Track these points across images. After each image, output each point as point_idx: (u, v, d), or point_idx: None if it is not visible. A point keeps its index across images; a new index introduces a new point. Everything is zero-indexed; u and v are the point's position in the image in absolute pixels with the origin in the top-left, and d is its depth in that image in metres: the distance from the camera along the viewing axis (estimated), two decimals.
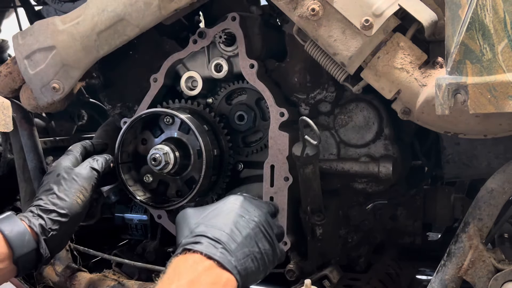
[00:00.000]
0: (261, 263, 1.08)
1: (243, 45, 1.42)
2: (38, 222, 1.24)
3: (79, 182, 1.33)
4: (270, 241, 1.12)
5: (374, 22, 1.17)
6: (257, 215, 1.12)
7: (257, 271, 1.08)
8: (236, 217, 1.09)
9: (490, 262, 1.19)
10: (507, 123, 1.12)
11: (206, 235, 1.03)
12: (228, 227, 1.06)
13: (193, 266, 0.97)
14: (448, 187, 1.77)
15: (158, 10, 1.36)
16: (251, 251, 1.06)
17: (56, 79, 1.48)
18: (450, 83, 1.03)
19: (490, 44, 0.99)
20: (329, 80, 1.46)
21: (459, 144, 1.50)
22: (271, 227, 1.14)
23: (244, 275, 1.03)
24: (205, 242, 1.01)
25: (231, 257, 1.01)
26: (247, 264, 1.04)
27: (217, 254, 0.99)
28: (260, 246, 1.09)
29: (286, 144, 1.39)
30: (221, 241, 1.02)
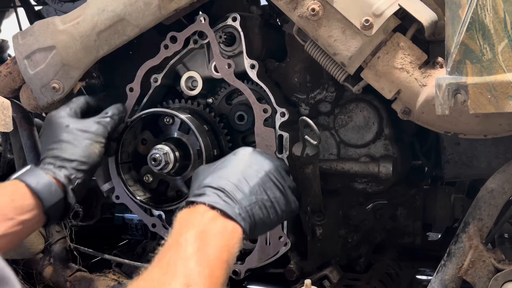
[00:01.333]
0: (271, 211, 1.09)
1: (216, 46, 1.41)
2: (62, 173, 1.25)
3: (91, 131, 1.33)
4: (282, 189, 1.13)
5: (374, 22, 1.17)
6: (267, 164, 1.13)
7: (267, 219, 1.08)
8: (245, 167, 1.10)
9: (490, 262, 1.19)
10: (507, 123, 1.12)
11: (211, 186, 1.04)
12: (235, 177, 1.07)
13: (198, 218, 0.97)
14: (448, 187, 1.77)
15: (158, 10, 1.36)
16: (259, 199, 1.07)
17: (56, 79, 1.48)
18: (450, 83, 1.03)
19: (490, 44, 0.99)
20: (329, 80, 1.46)
21: (459, 144, 1.50)
22: (282, 177, 1.14)
23: (251, 223, 1.04)
24: (209, 193, 1.02)
25: (235, 205, 1.02)
26: (254, 211, 1.05)
27: (220, 203, 1.00)
28: (270, 194, 1.10)
29: (273, 139, 1.37)
30: (225, 190, 1.03)
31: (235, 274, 1.47)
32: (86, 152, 1.30)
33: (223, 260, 0.94)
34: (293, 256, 1.48)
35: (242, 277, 1.47)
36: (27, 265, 1.82)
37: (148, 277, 0.85)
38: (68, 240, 1.78)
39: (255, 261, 1.44)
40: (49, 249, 1.77)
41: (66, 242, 1.78)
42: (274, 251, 1.42)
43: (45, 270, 1.75)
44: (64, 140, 1.30)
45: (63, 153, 1.28)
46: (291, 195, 1.16)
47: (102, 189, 1.63)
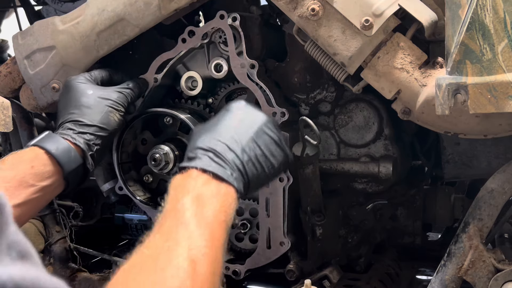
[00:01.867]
0: (266, 165, 1.08)
1: (233, 44, 1.41)
2: (82, 139, 1.25)
3: (112, 99, 1.33)
4: (277, 140, 1.11)
5: (374, 22, 1.17)
6: (260, 117, 1.11)
7: (262, 174, 1.07)
8: (237, 122, 1.08)
9: (490, 262, 1.19)
10: (507, 123, 1.12)
11: (202, 148, 1.03)
12: (227, 135, 1.05)
13: (192, 183, 0.97)
14: (448, 187, 1.77)
15: (158, 10, 1.36)
16: (252, 156, 1.06)
17: (56, 79, 1.48)
18: (450, 83, 1.03)
19: (490, 44, 0.99)
20: (329, 80, 1.46)
21: (459, 144, 1.50)
22: (276, 129, 1.13)
23: (245, 181, 1.04)
24: (200, 155, 1.01)
25: (226, 165, 1.01)
26: (248, 169, 1.04)
27: (212, 166, 0.99)
28: (264, 148, 1.08)
29: None
30: (216, 151, 1.02)
31: (235, 274, 1.47)
32: (106, 118, 1.30)
33: (221, 220, 0.94)
34: (293, 256, 1.48)
35: (242, 277, 1.47)
36: None
37: (150, 244, 0.86)
38: (68, 240, 1.78)
39: (255, 263, 1.44)
40: (49, 249, 1.77)
41: (66, 242, 1.78)
42: (275, 255, 1.42)
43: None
44: (85, 105, 1.29)
45: (82, 118, 1.27)
46: (286, 146, 1.14)
47: (102, 189, 1.62)
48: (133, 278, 0.79)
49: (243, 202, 1.52)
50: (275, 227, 1.41)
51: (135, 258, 0.83)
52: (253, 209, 1.51)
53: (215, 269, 0.87)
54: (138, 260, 0.82)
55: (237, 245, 1.54)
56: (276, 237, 1.41)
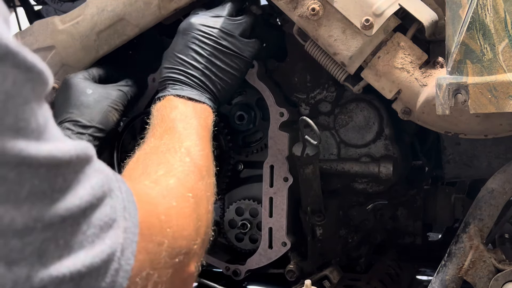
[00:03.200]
0: (229, 76, 1.22)
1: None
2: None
3: (112, 98, 1.32)
4: (233, 49, 1.22)
5: (375, 21, 1.17)
6: (212, 33, 1.20)
7: (227, 83, 1.22)
8: (191, 46, 1.19)
9: (490, 262, 1.19)
10: (507, 123, 1.11)
11: (169, 77, 1.18)
12: (185, 62, 1.18)
13: (171, 104, 1.11)
14: (449, 187, 1.77)
15: (158, 9, 1.35)
16: (214, 71, 1.19)
17: (56, 79, 1.47)
18: (450, 83, 1.02)
19: (490, 44, 0.99)
20: (329, 80, 1.46)
21: (460, 144, 1.50)
22: (230, 33, 1.22)
23: (216, 96, 1.19)
24: (170, 86, 1.16)
25: (196, 89, 1.16)
26: (214, 85, 1.19)
27: (184, 91, 1.15)
28: (221, 64, 1.20)
29: (285, 144, 1.39)
30: (182, 80, 1.16)
31: (235, 275, 1.47)
32: (105, 118, 1.29)
33: (204, 125, 1.09)
34: (293, 257, 1.47)
35: (242, 278, 1.47)
36: None
37: (147, 145, 0.99)
38: None
39: (256, 264, 1.44)
40: None
41: None
42: (277, 255, 1.42)
43: None
44: (84, 104, 1.28)
45: (81, 118, 1.26)
46: (244, 43, 1.25)
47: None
48: (141, 162, 0.91)
49: (243, 202, 1.52)
50: (277, 227, 1.41)
51: (139, 153, 0.95)
52: (253, 209, 1.51)
53: (207, 154, 1.03)
54: (142, 153, 0.95)
55: (237, 245, 1.54)
56: (278, 237, 1.41)
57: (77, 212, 0.53)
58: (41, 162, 0.49)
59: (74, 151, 0.54)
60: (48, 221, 0.50)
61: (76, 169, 0.54)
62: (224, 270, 1.48)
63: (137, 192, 0.70)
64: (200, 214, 0.87)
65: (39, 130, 0.50)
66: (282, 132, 1.39)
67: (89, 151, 0.58)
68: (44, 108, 0.53)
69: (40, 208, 0.49)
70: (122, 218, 0.60)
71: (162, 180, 0.86)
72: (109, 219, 0.58)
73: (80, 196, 0.54)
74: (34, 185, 0.49)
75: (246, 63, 1.27)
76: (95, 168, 0.59)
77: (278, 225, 1.41)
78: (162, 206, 0.77)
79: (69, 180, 0.53)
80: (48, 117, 0.53)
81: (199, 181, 0.94)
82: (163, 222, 0.73)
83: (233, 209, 1.53)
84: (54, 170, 0.51)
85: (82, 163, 0.56)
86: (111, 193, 0.60)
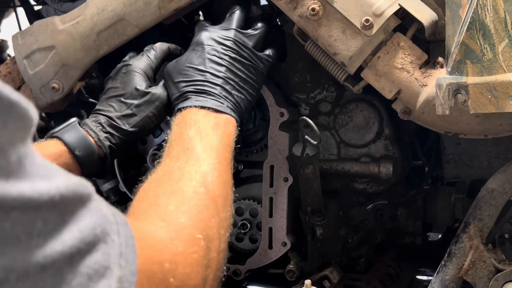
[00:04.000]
0: (248, 87, 1.18)
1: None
2: (108, 142, 1.20)
3: (157, 104, 1.22)
4: (250, 60, 1.19)
5: (375, 22, 1.17)
6: (227, 44, 1.17)
7: (248, 94, 1.18)
8: (209, 58, 1.15)
9: (490, 262, 1.19)
10: (507, 123, 1.11)
11: (190, 92, 1.12)
12: (206, 74, 1.13)
13: (193, 118, 1.05)
14: (449, 187, 1.77)
15: (158, 9, 1.35)
16: (235, 82, 1.15)
17: (56, 79, 1.47)
18: (450, 83, 1.02)
19: (490, 44, 0.99)
20: (329, 80, 1.46)
21: (460, 144, 1.50)
22: (244, 45, 1.19)
23: (238, 108, 1.15)
24: (192, 98, 1.11)
25: (218, 100, 1.10)
26: (236, 97, 1.14)
27: (208, 102, 1.09)
28: (240, 74, 1.17)
29: (286, 144, 1.39)
30: (205, 90, 1.11)
31: (235, 275, 1.47)
32: (143, 124, 1.21)
33: (226, 144, 1.04)
34: (293, 257, 1.47)
35: (242, 277, 1.47)
36: None
37: (162, 166, 0.95)
38: None
39: (256, 264, 1.44)
40: None
41: None
42: (277, 255, 1.42)
43: None
44: (128, 104, 1.21)
45: (120, 120, 1.20)
46: (259, 57, 1.22)
47: (102, 189, 1.62)
48: (152, 190, 0.87)
49: (243, 202, 1.52)
50: (277, 227, 1.41)
51: (151, 177, 0.92)
52: (253, 209, 1.51)
53: (226, 180, 0.97)
54: (154, 178, 0.92)
55: (237, 245, 1.54)
56: (278, 237, 1.41)
57: (60, 259, 0.47)
58: (11, 204, 0.44)
59: (55, 191, 0.48)
60: (23, 271, 0.44)
61: (62, 211, 0.49)
62: (224, 270, 1.48)
63: (142, 234, 0.64)
64: (210, 259, 0.81)
65: (9, 168, 0.45)
66: (282, 132, 1.39)
67: (83, 189, 0.53)
68: (23, 145, 0.48)
69: (13, 256, 0.43)
70: (117, 265, 0.54)
71: (172, 217, 0.80)
72: (100, 266, 0.51)
73: (64, 241, 0.48)
74: (3, 230, 0.43)
75: (263, 75, 1.25)
76: (89, 208, 0.53)
77: (278, 225, 1.41)
78: (167, 251, 0.71)
79: (51, 223, 0.47)
80: (26, 154, 0.48)
81: (212, 217, 0.87)
82: (166, 271, 0.67)
83: (233, 209, 1.53)
84: (31, 213, 0.45)
85: (70, 203, 0.50)
86: (105, 237, 0.54)
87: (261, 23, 1.28)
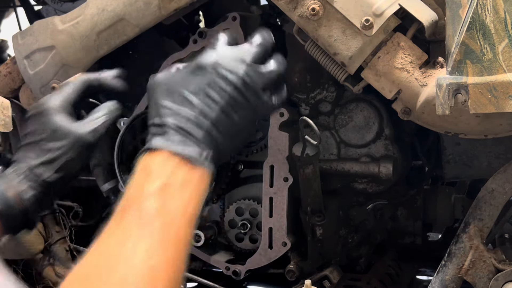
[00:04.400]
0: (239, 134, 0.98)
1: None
2: (29, 195, 1.08)
3: (80, 144, 1.11)
4: (252, 104, 0.97)
5: (375, 22, 1.17)
6: (233, 80, 0.95)
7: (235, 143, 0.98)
8: (207, 89, 0.94)
9: (490, 262, 1.19)
10: (507, 123, 1.11)
11: (170, 126, 0.91)
12: (196, 109, 0.92)
13: (159, 169, 0.88)
14: (449, 187, 1.77)
15: (158, 9, 1.35)
16: (223, 129, 0.94)
17: (56, 79, 1.47)
18: (450, 83, 1.02)
19: (490, 44, 0.99)
20: (329, 80, 1.46)
21: (460, 144, 1.50)
22: (252, 86, 0.97)
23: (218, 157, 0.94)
24: (170, 135, 0.90)
25: (199, 145, 0.91)
26: (220, 145, 0.94)
27: (185, 149, 0.89)
28: (236, 118, 0.95)
29: (286, 144, 1.39)
30: (187, 131, 0.90)
31: (235, 275, 1.47)
32: (68, 169, 1.11)
33: (189, 215, 0.86)
34: (293, 257, 1.47)
35: (242, 278, 1.47)
36: (27, 266, 1.81)
37: (102, 247, 0.79)
38: (68, 240, 1.78)
39: (256, 264, 1.44)
40: (48, 250, 1.77)
41: (66, 242, 1.78)
42: (277, 255, 1.42)
43: (45, 270, 1.75)
44: (47, 149, 1.10)
45: (39, 167, 1.09)
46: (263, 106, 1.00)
47: (102, 189, 1.62)
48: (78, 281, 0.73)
49: (243, 202, 1.52)
50: (277, 227, 1.41)
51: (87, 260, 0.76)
52: (253, 209, 1.51)
53: (176, 274, 0.80)
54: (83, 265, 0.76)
55: (237, 245, 1.54)
56: (278, 237, 1.41)
57: None
58: None
59: None
60: None
61: None
62: (224, 270, 1.48)
63: None
64: None
65: None
66: (282, 132, 1.39)
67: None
68: None
69: None
70: None
71: None
72: None
73: None
74: None
75: (260, 121, 1.09)
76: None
77: (278, 225, 1.41)
78: None
79: None
80: None
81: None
82: None
83: (233, 209, 1.53)
84: None
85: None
86: None
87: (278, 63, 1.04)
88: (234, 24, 1.41)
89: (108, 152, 1.54)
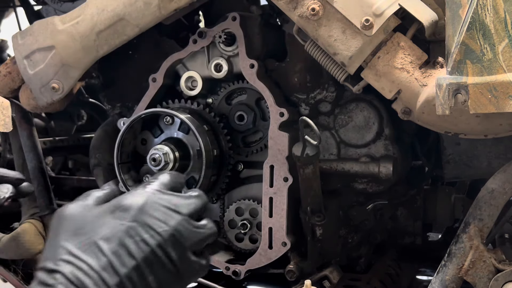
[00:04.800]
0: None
1: (243, 45, 1.42)
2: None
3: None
4: (175, 264, 0.81)
5: (375, 22, 1.17)
6: (159, 235, 0.80)
7: None
8: (123, 236, 0.78)
9: (490, 262, 1.19)
10: (507, 123, 1.11)
11: (64, 275, 0.73)
12: (103, 260, 0.75)
13: None
14: (449, 187, 1.77)
15: (157, 10, 1.35)
16: (136, 285, 0.77)
17: (56, 79, 1.47)
18: (450, 83, 1.02)
19: (490, 44, 0.99)
20: (329, 80, 1.46)
21: (460, 144, 1.50)
22: (181, 244, 0.82)
23: None
24: (62, 284, 0.73)
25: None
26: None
27: None
28: (150, 279, 0.78)
29: (286, 144, 1.39)
30: (84, 284, 0.73)
31: (235, 275, 1.47)
32: None
33: None
34: (293, 257, 1.47)
35: (242, 278, 1.47)
36: (27, 265, 1.81)
37: None
38: None
39: (256, 264, 1.44)
40: None
41: None
42: (276, 256, 1.42)
43: None
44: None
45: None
46: (189, 266, 0.83)
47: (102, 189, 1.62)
48: None
49: (243, 202, 1.52)
50: (277, 227, 1.41)
51: None
52: (253, 209, 1.51)
53: None
54: None
55: (237, 245, 1.54)
56: (278, 237, 1.41)
57: None
58: None
59: None
60: None
61: None
62: (224, 270, 1.48)
63: None
64: None
65: None
66: (282, 132, 1.39)
67: None
68: None
69: None
70: None
71: None
72: None
73: None
74: None
75: (187, 283, 0.85)
76: None
77: (278, 225, 1.41)
78: None
79: None
80: None
81: None
82: None
83: (233, 209, 1.53)
84: None
85: None
86: None
87: (211, 223, 0.89)
88: (234, 24, 1.41)
89: (108, 152, 1.54)
